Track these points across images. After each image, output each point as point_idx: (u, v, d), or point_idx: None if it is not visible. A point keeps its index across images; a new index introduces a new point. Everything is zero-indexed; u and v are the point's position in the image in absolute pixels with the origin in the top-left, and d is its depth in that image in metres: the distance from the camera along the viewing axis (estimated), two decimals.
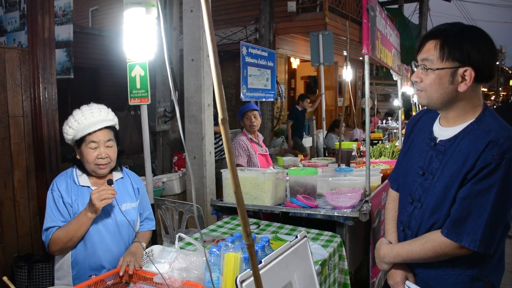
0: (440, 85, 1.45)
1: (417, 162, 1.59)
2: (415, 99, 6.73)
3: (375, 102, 10.93)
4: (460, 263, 1.46)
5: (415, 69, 1.54)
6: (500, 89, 38.91)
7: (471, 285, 1.47)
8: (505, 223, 1.42)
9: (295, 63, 11.36)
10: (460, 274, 1.47)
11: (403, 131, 3.07)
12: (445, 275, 1.50)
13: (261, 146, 4.13)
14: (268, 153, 4.23)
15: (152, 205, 2.63)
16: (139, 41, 2.20)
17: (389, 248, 1.64)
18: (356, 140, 7.11)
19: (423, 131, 1.63)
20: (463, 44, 1.40)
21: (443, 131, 1.54)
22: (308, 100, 8.04)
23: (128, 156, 6.10)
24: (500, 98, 33.32)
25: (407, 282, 1.59)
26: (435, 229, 1.50)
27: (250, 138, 4.02)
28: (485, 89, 33.91)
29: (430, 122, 1.62)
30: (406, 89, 6.10)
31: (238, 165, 3.74)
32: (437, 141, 1.54)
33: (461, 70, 1.41)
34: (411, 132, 1.72)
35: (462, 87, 1.42)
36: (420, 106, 6.02)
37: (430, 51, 1.46)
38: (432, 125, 1.60)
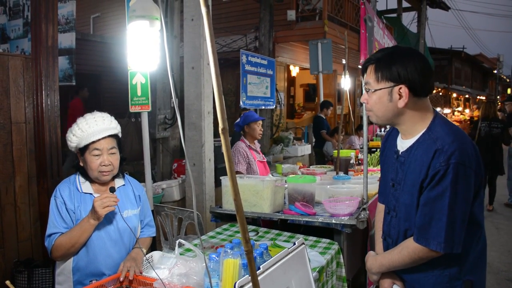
0: (381, 104, 1.61)
1: (390, 175, 1.73)
2: None
3: None
4: (437, 264, 1.56)
5: (363, 91, 1.69)
6: (498, 97, 39.03)
7: (450, 285, 1.56)
8: (471, 221, 1.52)
9: (294, 71, 11.44)
10: (439, 275, 1.57)
11: None
12: (426, 277, 1.60)
13: (259, 153, 4.17)
14: (265, 160, 4.26)
15: (152, 212, 2.66)
16: (142, 52, 2.25)
17: (373, 259, 1.75)
18: (350, 147, 7.12)
19: (391, 145, 1.77)
20: (393, 65, 1.55)
21: (403, 143, 1.68)
22: (332, 108, 7.83)
23: (128, 162, 6.12)
24: (498, 106, 33.39)
25: (394, 286, 1.69)
26: (409, 235, 1.61)
27: (249, 145, 4.05)
28: (483, 98, 34.00)
29: (395, 137, 1.76)
30: None
31: (237, 172, 3.77)
32: (399, 153, 1.67)
33: (396, 88, 1.56)
34: (384, 148, 1.86)
35: (400, 103, 1.56)
36: None
37: (369, 75, 1.63)
38: (397, 138, 1.74)
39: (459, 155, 1.44)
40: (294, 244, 1.73)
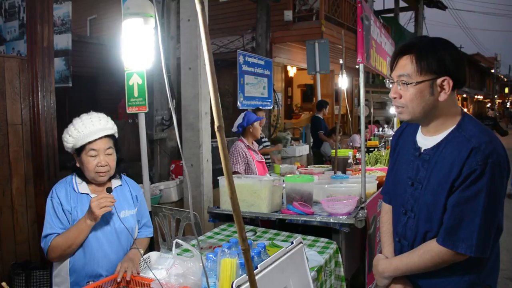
0: (421, 98, 1.48)
1: (406, 173, 1.62)
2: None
3: (371, 110, 11.01)
4: (457, 269, 1.48)
5: (390, 86, 1.57)
6: (495, 96, 39.12)
7: None
8: (497, 225, 1.44)
9: (291, 71, 11.45)
10: (459, 281, 1.49)
11: None
12: (444, 283, 1.52)
13: (257, 153, 4.17)
14: (263, 160, 4.26)
15: (150, 213, 2.65)
16: (137, 50, 2.25)
17: (387, 262, 1.65)
18: (354, 147, 7.12)
19: (408, 142, 1.67)
20: (437, 55, 1.44)
21: (426, 140, 1.57)
22: (328, 107, 7.77)
23: (126, 164, 6.12)
24: (496, 105, 33.51)
25: None
26: (429, 237, 1.52)
27: (248, 145, 4.05)
28: (481, 97, 34.09)
29: (413, 133, 1.66)
30: None
31: (236, 172, 3.76)
32: (422, 151, 1.57)
33: (439, 80, 1.45)
34: (397, 145, 1.76)
35: (442, 97, 1.46)
36: None
37: (406, 67, 1.48)
38: (415, 135, 1.64)
39: (496, 156, 1.38)
40: (292, 243, 1.73)
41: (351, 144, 7.45)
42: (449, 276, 1.50)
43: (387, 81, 1.60)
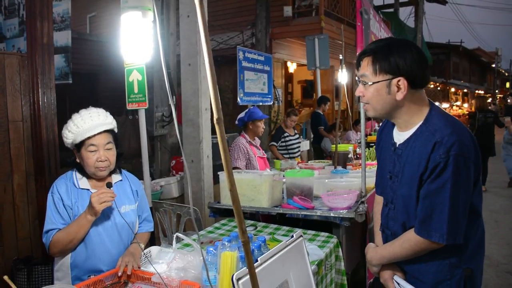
0: (379, 97, 1.58)
1: (387, 167, 1.73)
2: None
3: None
4: (438, 254, 1.57)
5: (359, 84, 1.66)
6: (496, 91, 39.04)
7: (451, 273, 1.57)
8: (471, 211, 1.53)
9: (291, 67, 11.43)
10: (440, 264, 1.58)
11: None
12: (426, 266, 1.61)
13: (259, 149, 4.18)
14: (265, 156, 4.27)
15: (151, 208, 2.66)
16: (136, 43, 2.25)
17: (374, 251, 1.76)
18: (349, 141, 7.13)
19: (387, 137, 1.76)
20: (391, 57, 1.53)
21: (399, 135, 1.67)
22: (329, 103, 7.83)
23: (126, 160, 6.12)
24: (497, 100, 33.44)
25: (395, 277, 1.69)
26: (408, 227, 1.62)
27: (249, 141, 4.05)
28: (482, 92, 34.02)
29: (391, 128, 1.74)
30: None
31: (236, 168, 3.77)
32: (396, 146, 1.66)
33: (394, 81, 1.54)
34: (380, 140, 1.85)
35: (399, 96, 1.55)
36: None
37: (365, 68, 1.60)
38: (393, 130, 1.73)
39: (459, 147, 1.44)
40: (292, 236, 1.73)
41: (346, 140, 7.46)
42: (431, 260, 1.59)
43: (357, 80, 1.69)
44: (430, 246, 1.53)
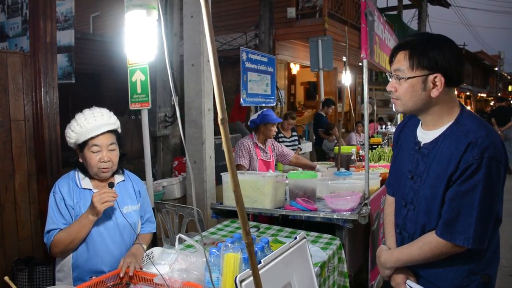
0: (413, 93, 1.53)
1: (407, 167, 1.67)
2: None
3: (375, 108, 10.98)
4: (457, 259, 1.52)
5: (390, 79, 1.61)
6: (499, 94, 38.90)
7: (469, 279, 1.53)
8: (495, 217, 1.49)
9: (295, 69, 11.41)
10: (458, 270, 1.54)
11: None
12: (444, 272, 1.56)
13: (266, 153, 4.07)
14: (272, 160, 4.15)
15: (153, 209, 2.64)
16: (140, 43, 2.23)
17: (388, 253, 1.70)
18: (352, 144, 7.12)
19: (409, 136, 1.71)
20: (430, 52, 1.48)
21: (425, 134, 1.61)
22: (333, 107, 7.83)
23: (129, 161, 6.12)
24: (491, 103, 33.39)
25: (408, 281, 1.64)
26: (427, 229, 1.57)
27: (256, 142, 4.00)
28: (484, 95, 33.92)
29: (414, 127, 1.70)
30: None
31: (239, 165, 3.75)
32: (421, 145, 1.61)
33: (431, 77, 1.49)
34: (399, 139, 1.80)
35: (434, 93, 1.50)
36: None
37: (400, 62, 1.54)
38: (416, 129, 1.68)
39: (493, 150, 1.41)
40: (296, 238, 1.72)
41: (349, 143, 7.45)
42: (449, 265, 1.55)
43: (388, 74, 1.64)
44: (452, 249, 1.48)
